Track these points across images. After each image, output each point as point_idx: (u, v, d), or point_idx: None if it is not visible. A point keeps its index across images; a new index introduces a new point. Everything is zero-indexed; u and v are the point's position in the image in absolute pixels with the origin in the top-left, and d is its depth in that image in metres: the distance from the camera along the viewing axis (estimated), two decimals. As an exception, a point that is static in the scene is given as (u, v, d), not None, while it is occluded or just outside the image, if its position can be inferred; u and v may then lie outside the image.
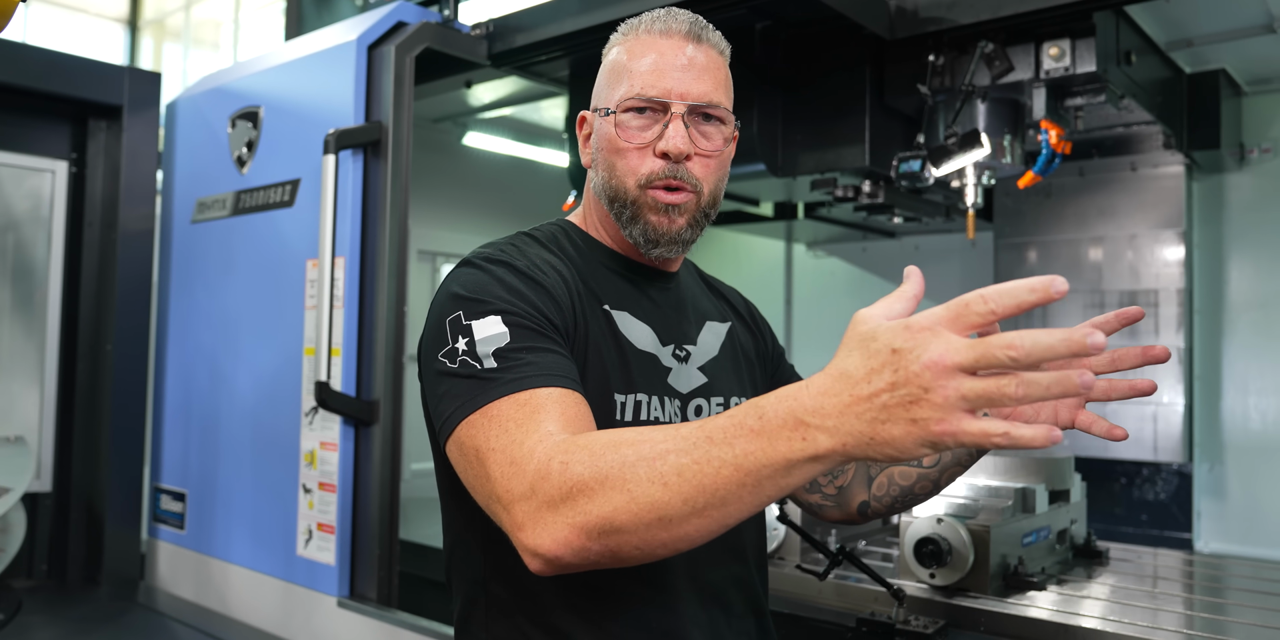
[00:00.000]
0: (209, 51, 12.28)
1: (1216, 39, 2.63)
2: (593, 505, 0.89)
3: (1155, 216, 3.02)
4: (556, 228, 1.37)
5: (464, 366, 1.08)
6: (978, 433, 0.73)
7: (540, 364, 1.08)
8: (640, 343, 1.28)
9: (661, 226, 1.25)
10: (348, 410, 2.29)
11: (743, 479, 0.83)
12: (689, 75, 1.23)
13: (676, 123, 1.22)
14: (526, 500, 0.94)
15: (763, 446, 0.82)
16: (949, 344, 0.74)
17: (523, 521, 0.94)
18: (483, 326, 1.10)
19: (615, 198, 1.26)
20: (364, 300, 2.38)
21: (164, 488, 2.92)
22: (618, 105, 1.24)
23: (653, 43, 1.26)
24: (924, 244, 3.79)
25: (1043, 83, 2.34)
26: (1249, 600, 1.97)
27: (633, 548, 0.90)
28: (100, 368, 2.90)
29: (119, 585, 2.84)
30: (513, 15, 2.56)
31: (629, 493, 0.88)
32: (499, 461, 0.99)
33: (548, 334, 1.13)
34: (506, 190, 3.82)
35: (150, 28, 13.13)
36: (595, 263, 1.32)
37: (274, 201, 2.59)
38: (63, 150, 2.95)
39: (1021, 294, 0.73)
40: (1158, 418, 2.95)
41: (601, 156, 1.28)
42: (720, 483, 0.84)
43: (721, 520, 0.87)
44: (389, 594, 2.29)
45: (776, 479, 0.83)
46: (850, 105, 2.56)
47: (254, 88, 2.72)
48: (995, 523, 1.81)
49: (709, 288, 1.52)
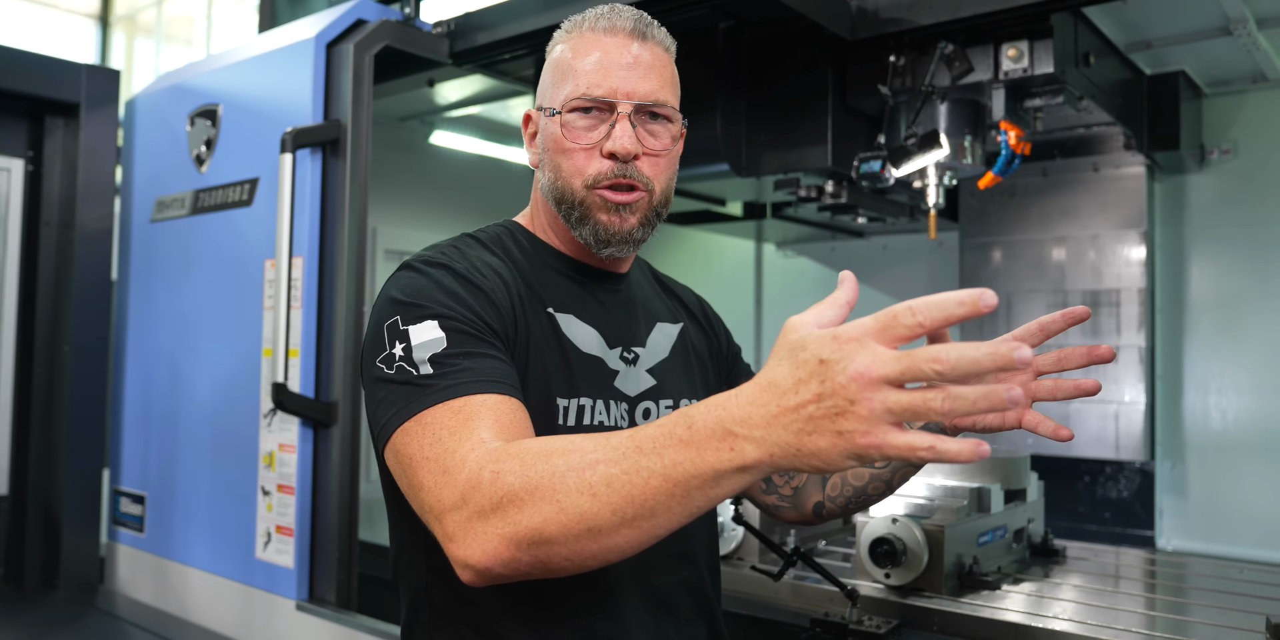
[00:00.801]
0: (182, 47, 12.16)
1: (1175, 41, 2.65)
2: (522, 516, 0.89)
3: (1117, 217, 3.04)
4: (502, 229, 1.36)
5: (400, 372, 1.07)
6: (903, 446, 0.73)
7: (477, 370, 1.07)
8: (585, 346, 1.27)
9: (613, 226, 1.24)
10: (305, 412, 2.27)
11: (671, 489, 0.83)
12: (635, 74, 1.22)
13: (623, 123, 1.21)
14: (457, 510, 0.93)
15: (691, 457, 0.82)
16: (875, 356, 0.73)
17: (453, 532, 0.93)
18: (419, 332, 1.09)
19: (562, 199, 1.25)
20: (323, 300, 2.36)
21: (123, 490, 2.89)
22: (563, 105, 1.23)
23: (597, 40, 1.24)
24: (892, 244, 3.81)
25: (1002, 84, 2.35)
26: (1207, 599, 1.98)
27: (562, 559, 0.89)
28: (58, 368, 2.86)
29: (77, 589, 2.80)
30: (474, 13, 2.54)
31: (558, 503, 0.87)
32: (431, 470, 0.98)
33: (486, 339, 1.12)
34: (474, 189, 3.80)
35: (122, 23, 12.99)
36: (541, 264, 1.31)
37: (232, 201, 2.56)
38: (19, 148, 2.91)
39: (950, 307, 0.73)
40: (1119, 416, 2.98)
41: (548, 157, 1.27)
42: (649, 493, 0.84)
43: (651, 531, 0.87)
44: (348, 596, 2.28)
45: (705, 489, 0.82)
46: (813, 105, 2.56)
47: (213, 85, 2.69)
48: (950, 522, 1.81)
49: (662, 287, 1.51)
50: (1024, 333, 1.25)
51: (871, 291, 3.82)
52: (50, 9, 12.49)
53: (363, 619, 2.18)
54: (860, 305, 3.04)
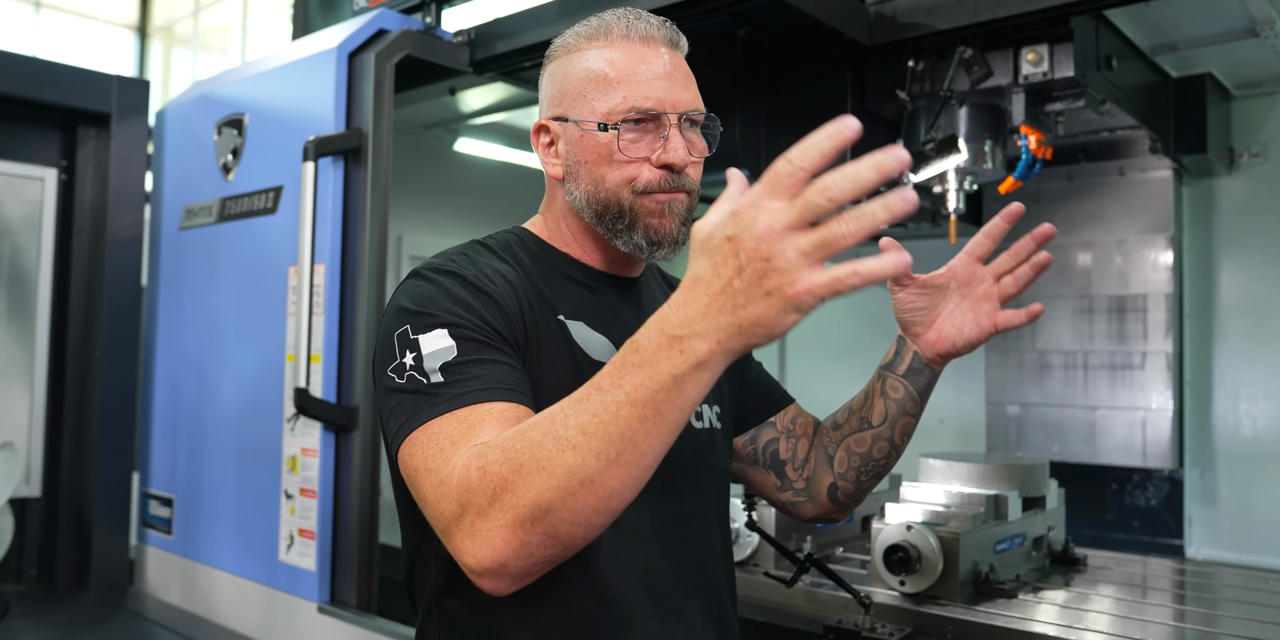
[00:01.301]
0: (218, 57, 12.37)
1: (1200, 43, 2.62)
2: (516, 496, 0.90)
3: (1144, 221, 3.01)
4: (512, 236, 1.35)
5: (411, 382, 1.08)
6: (829, 281, 0.76)
7: (487, 377, 1.07)
8: (595, 353, 1.26)
9: (663, 228, 1.24)
10: (327, 416, 2.30)
11: (642, 413, 0.85)
12: (675, 84, 1.24)
13: (676, 134, 1.22)
14: (459, 519, 0.94)
15: (649, 374, 0.85)
16: (771, 210, 0.77)
17: (462, 544, 0.94)
18: (429, 340, 1.09)
19: (606, 209, 1.24)
20: (344, 307, 2.38)
21: (153, 493, 2.94)
22: (613, 118, 1.22)
23: (634, 50, 1.24)
24: (915, 249, 3.74)
25: (1021, 88, 2.33)
26: (1235, 609, 1.96)
27: (568, 524, 0.90)
28: (89, 374, 2.92)
29: (107, 590, 2.85)
30: (493, 22, 2.57)
31: (544, 470, 0.88)
32: (431, 483, 0.99)
33: (495, 345, 1.12)
34: (499, 195, 3.83)
35: (160, 34, 13.24)
36: (551, 270, 1.30)
37: (258, 208, 2.61)
38: (52, 158, 2.98)
39: (821, 144, 0.77)
40: (1146, 423, 2.94)
41: (585, 169, 1.25)
42: (623, 425, 0.86)
43: (639, 463, 0.88)
44: (368, 599, 2.30)
45: (672, 400, 0.85)
46: (832, 111, 2.56)
47: (239, 95, 2.74)
48: (965, 530, 1.80)
49: (671, 289, 1.49)
50: (973, 244, 1.34)
51: (896, 297, 3.79)
52: (90, 21, 12.75)
53: (382, 622, 2.21)
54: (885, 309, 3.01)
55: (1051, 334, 3.13)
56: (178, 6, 12.95)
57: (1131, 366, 2.98)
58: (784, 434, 1.48)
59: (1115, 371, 3.00)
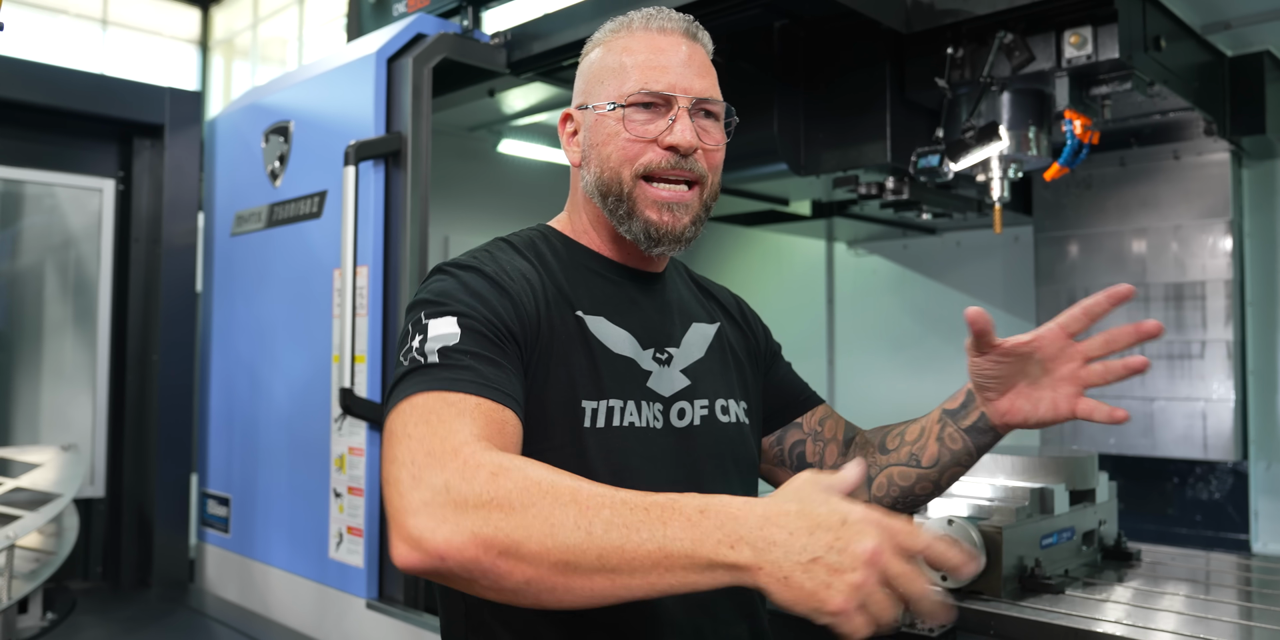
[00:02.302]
0: (276, 67, 12.63)
1: (1255, 20, 2.53)
2: (507, 523, 0.89)
3: (1201, 206, 2.92)
4: (535, 232, 1.37)
5: (410, 362, 1.10)
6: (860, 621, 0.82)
7: (480, 371, 1.08)
8: (616, 347, 1.27)
9: (665, 225, 1.25)
10: (371, 416, 2.34)
11: (661, 559, 0.86)
12: (690, 71, 1.26)
13: (684, 117, 1.23)
14: (435, 492, 0.92)
15: (695, 538, 0.86)
16: (883, 542, 0.83)
17: (418, 509, 0.91)
18: (437, 325, 1.12)
19: (609, 191, 1.26)
20: (388, 308, 2.42)
21: (210, 493, 3.02)
22: (623, 99, 1.24)
23: (650, 39, 1.27)
24: (965, 240, 3.72)
25: (1065, 72, 2.28)
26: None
27: (521, 581, 0.89)
28: (148, 377, 3.01)
29: (169, 587, 2.94)
30: (529, 23, 2.58)
31: (551, 527, 0.88)
32: (412, 449, 0.97)
33: (498, 343, 1.13)
34: (544, 196, 3.84)
35: (220, 47, 13.57)
36: (574, 266, 1.31)
37: (303, 213, 2.66)
38: (110, 169, 3.07)
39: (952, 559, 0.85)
40: (1207, 414, 2.85)
41: (595, 151, 1.28)
42: (641, 554, 0.86)
43: (621, 590, 0.88)
44: (416, 596, 2.33)
45: (690, 573, 0.86)
46: (871, 101, 2.53)
47: (285, 103, 2.79)
48: (1009, 524, 1.76)
49: (698, 288, 1.50)
50: (1068, 319, 1.24)
51: (946, 288, 3.74)
52: (155, 36, 13.13)
53: (429, 618, 2.23)
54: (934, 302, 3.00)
55: (1106, 323, 3.01)
56: (237, 19, 13.26)
57: (1190, 356, 2.89)
58: (810, 436, 1.47)
59: (1173, 361, 2.91)
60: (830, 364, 4.04)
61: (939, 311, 3.74)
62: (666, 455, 1.27)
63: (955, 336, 3.73)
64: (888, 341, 3.89)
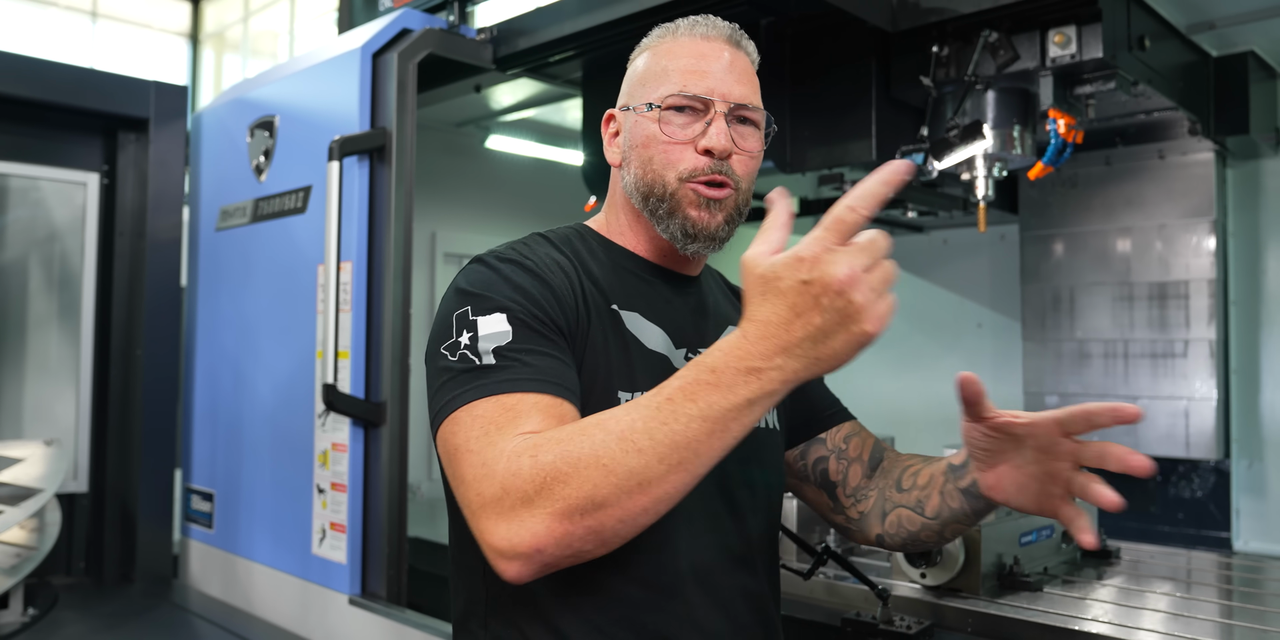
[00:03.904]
0: (267, 61, 12.59)
1: (1240, 20, 2.53)
2: (569, 489, 0.93)
3: (1185, 205, 2.93)
4: (573, 231, 1.38)
5: (463, 360, 1.10)
6: (890, 305, 0.88)
7: (537, 367, 1.10)
8: (650, 343, 1.28)
9: (701, 222, 1.26)
10: (354, 412, 2.34)
11: (711, 427, 0.92)
12: (730, 77, 1.27)
13: (720, 121, 1.24)
14: (498, 502, 0.96)
15: (724, 395, 0.92)
16: (848, 258, 0.87)
17: (494, 526, 0.96)
18: (488, 323, 1.13)
19: (651, 192, 1.27)
20: (371, 303, 2.42)
21: (194, 488, 3.01)
22: (662, 101, 1.26)
23: (694, 45, 1.29)
24: (952, 237, 3.73)
25: (1049, 71, 2.28)
26: (1263, 603, 1.90)
27: (615, 520, 0.94)
28: (132, 372, 3.00)
29: (152, 582, 2.93)
30: (515, 19, 2.58)
31: (605, 467, 0.93)
32: (473, 463, 1.01)
33: (549, 336, 1.15)
34: (531, 191, 3.85)
35: (211, 40, 13.52)
36: (610, 264, 1.33)
37: (288, 208, 2.65)
38: (94, 163, 3.06)
39: (877, 190, 0.88)
40: (1189, 413, 2.86)
41: (636, 153, 1.29)
42: (691, 436, 0.92)
43: (695, 470, 0.94)
44: (398, 592, 2.33)
45: (741, 419, 0.93)
46: (856, 99, 2.53)
47: (270, 97, 2.78)
48: (987, 522, 1.77)
49: (734, 292, 1.50)
50: (1069, 419, 1.10)
51: (932, 286, 3.74)
52: (145, 29, 13.07)
53: (411, 614, 2.24)
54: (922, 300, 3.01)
55: (1090, 322, 3.07)
56: (228, 13, 13.21)
57: (1173, 355, 2.90)
58: (834, 453, 1.45)
59: (1156, 360, 2.93)
60: (817, 361, 4.04)
61: (925, 309, 3.75)
62: None
63: (941, 334, 3.75)
64: (875, 339, 3.89)
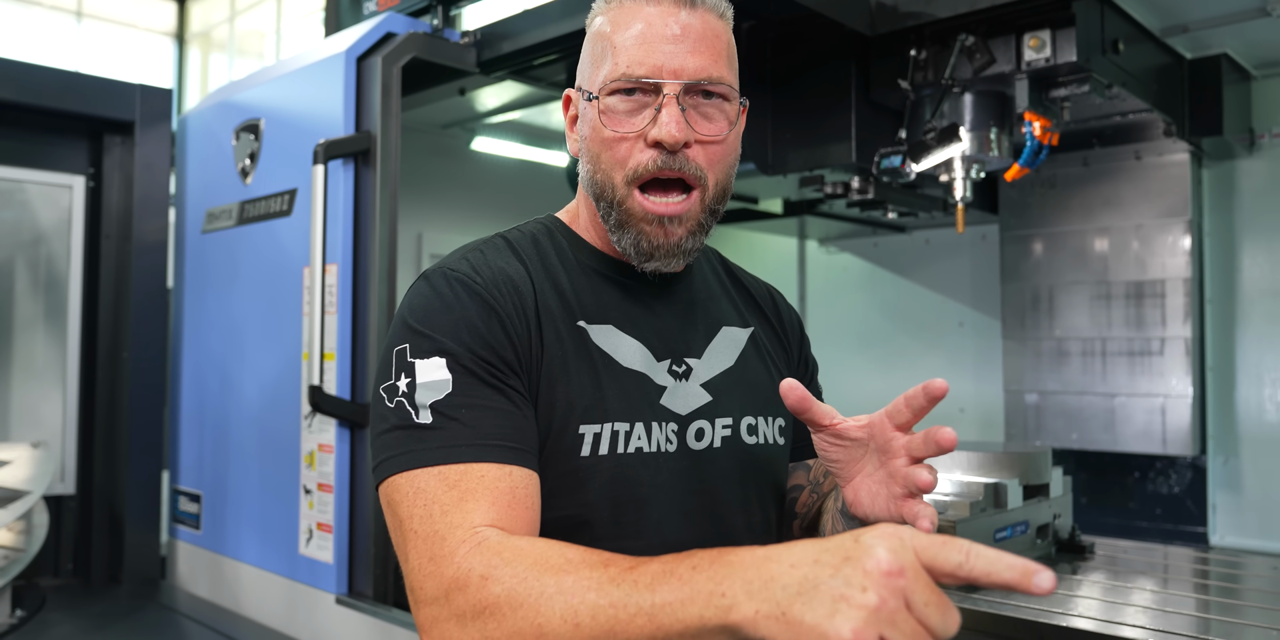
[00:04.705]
0: (254, 61, 12.56)
1: (1213, 24, 2.58)
2: (500, 630, 0.87)
3: (1161, 205, 2.97)
4: (540, 226, 1.22)
5: (399, 412, 1.01)
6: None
7: (478, 427, 1.00)
8: (625, 360, 1.13)
9: (657, 238, 1.10)
10: (340, 413, 2.35)
11: (653, 631, 0.79)
12: (682, 47, 1.06)
13: (670, 106, 1.05)
14: (437, 604, 0.92)
15: (684, 597, 0.77)
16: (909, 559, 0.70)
17: (428, 626, 0.93)
18: (426, 369, 1.02)
19: (601, 195, 1.12)
20: (357, 305, 2.44)
21: (182, 489, 3.02)
22: (600, 88, 1.09)
23: (638, 10, 1.09)
24: (934, 238, 3.77)
25: (1025, 74, 2.32)
26: (1237, 596, 1.94)
27: None
28: (119, 374, 3.01)
29: (140, 584, 2.94)
30: (499, 23, 2.60)
31: (539, 627, 0.85)
32: (419, 551, 0.95)
33: (492, 382, 1.03)
34: (517, 193, 3.87)
35: (197, 40, 13.48)
36: (579, 267, 1.17)
37: (274, 211, 2.67)
38: (80, 166, 3.07)
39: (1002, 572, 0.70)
40: (1166, 410, 2.91)
41: (586, 146, 1.13)
42: (631, 632, 0.80)
43: None
44: (384, 591, 2.35)
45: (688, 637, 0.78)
46: (837, 102, 2.56)
47: (255, 100, 2.80)
48: (962, 517, 1.81)
49: (733, 281, 1.33)
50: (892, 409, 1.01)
51: (915, 286, 3.78)
52: (130, 29, 13.02)
53: (398, 613, 2.26)
54: (905, 299, 3.06)
55: (1069, 321, 3.11)
56: (214, 13, 13.17)
57: (1150, 352, 2.94)
58: (810, 486, 1.30)
59: (1134, 358, 2.97)
60: (802, 360, 4.08)
61: (908, 308, 3.79)
62: (679, 482, 1.13)
63: (923, 333, 3.80)
64: (858, 338, 3.94)
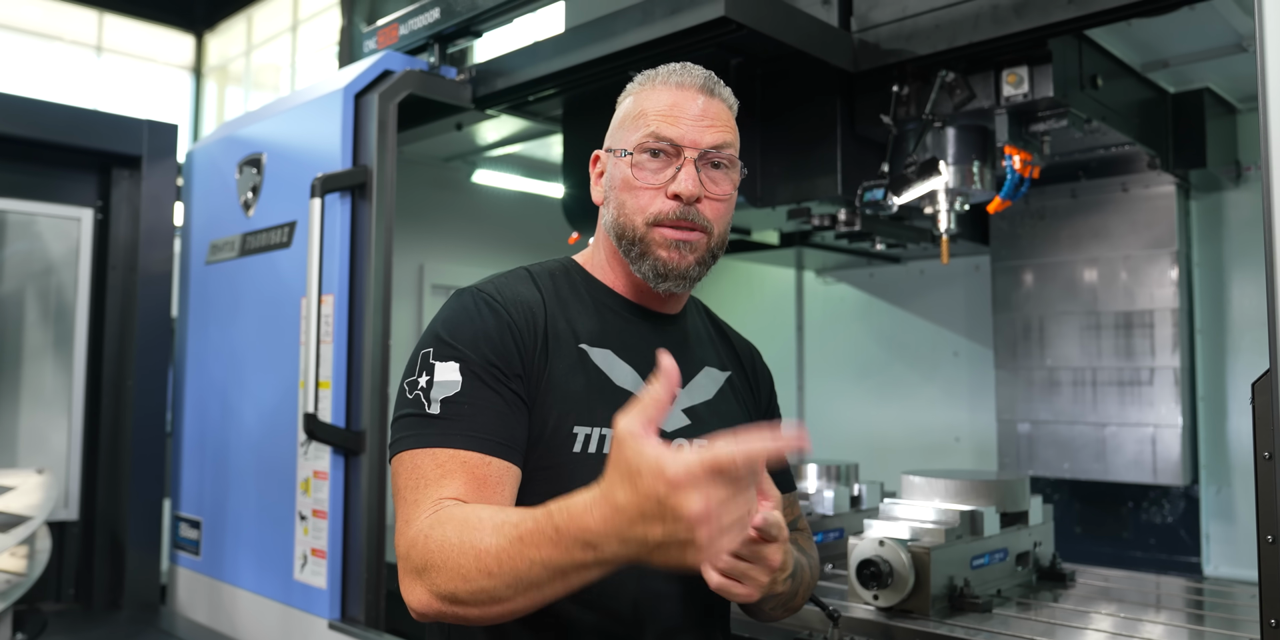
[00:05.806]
0: (270, 94, 12.78)
1: (1192, 59, 2.63)
2: (440, 579, 1.07)
3: (1148, 237, 3.01)
4: (557, 264, 1.47)
5: (416, 402, 1.25)
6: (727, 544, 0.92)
7: (474, 422, 1.22)
8: (619, 380, 1.35)
9: (672, 262, 1.33)
10: (334, 440, 2.40)
11: (551, 575, 0.99)
12: (701, 124, 1.34)
13: (689, 167, 1.32)
14: (403, 559, 1.13)
15: (561, 554, 0.97)
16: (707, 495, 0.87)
17: (401, 577, 1.13)
18: (443, 370, 1.25)
19: (623, 234, 1.35)
20: (353, 335, 2.49)
21: (183, 516, 3.07)
22: (634, 146, 1.34)
23: (669, 92, 1.36)
24: (928, 268, 3.80)
25: (1004, 109, 2.37)
26: (1214, 623, 1.95)
27: (476, 617, 1.07)
28: (123, 402, 3.07)
29: (140, 609, 2.98)
30: (493, 60, 2.68)
31: (463, 577, 1.04)
32: (401, 515, 1.18)
33: (496, 387, 1.25)
34: (516, 224, 3.94)
35: (214, 73, 13.73)
36: (587, 301, 1.40)
37: (274, 243, 2.74)
38: (89, 199, 3.16)
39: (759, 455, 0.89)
40: (1156, 440, 2.92)
41: (613, 195, 1.38)
42: (534, 576, 0.99)
43: (547, 596, 1.02)
44: (376, 616, 2.38)
45: (581, 572, 0.98)
46: (823, 136, 2.62)
47: (258, 135, 2.88)
48: (938, 545, 1.83)
49: (718, 332, 1.59)
50: None
51: (910, 316, 3.82)
52: (149, 63, 13.28)
53: (389, 638, 2.29)
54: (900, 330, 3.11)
55: (1059, 351, 3.14)
56: (231, 46, 13.44)
57: (1140, 382, 2.97)
58: None
59: (1124, 387, 2.99)
60: (800, 390, 4.11)
61: (904, 338, 3.82)
62: None
63: (919, 363, 3.82)
64: (855, 367, 3.96)
